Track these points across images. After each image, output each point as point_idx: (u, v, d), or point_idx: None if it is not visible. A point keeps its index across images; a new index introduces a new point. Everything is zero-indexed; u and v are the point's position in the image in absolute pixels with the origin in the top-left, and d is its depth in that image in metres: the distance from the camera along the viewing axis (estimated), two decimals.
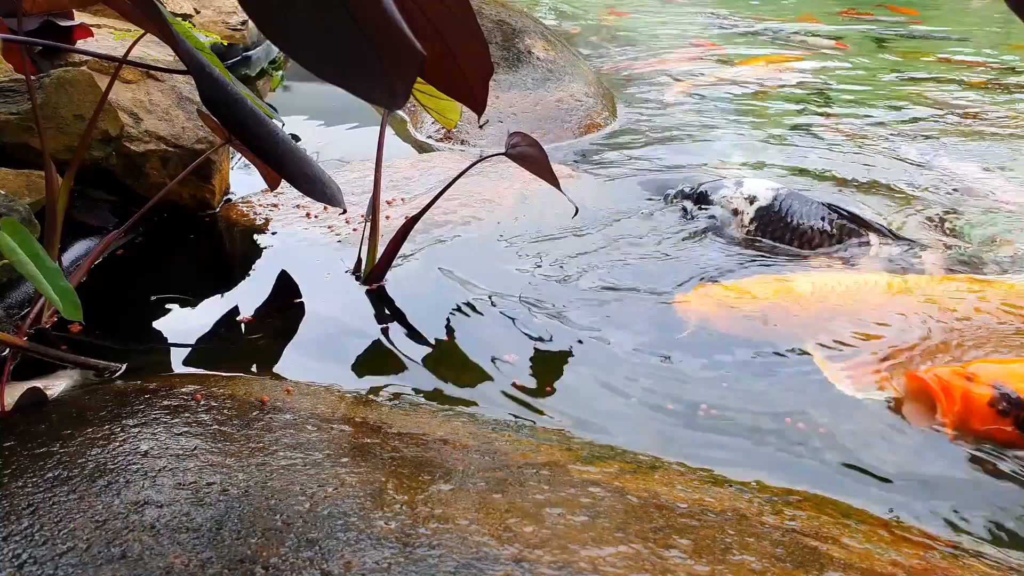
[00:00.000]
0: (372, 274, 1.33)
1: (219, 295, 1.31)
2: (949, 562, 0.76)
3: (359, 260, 1.37)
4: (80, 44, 1.28)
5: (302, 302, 1.30)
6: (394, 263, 1.35)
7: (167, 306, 1.26)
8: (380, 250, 1.33)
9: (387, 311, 1.28)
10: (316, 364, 1.12)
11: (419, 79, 1.09)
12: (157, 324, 1.21)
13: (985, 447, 0.95)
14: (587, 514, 0.72)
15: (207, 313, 1.25)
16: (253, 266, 1.43)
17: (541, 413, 1.02)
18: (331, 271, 1.39)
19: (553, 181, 1.24)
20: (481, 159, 1.32)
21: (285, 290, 1.34)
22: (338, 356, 1.14)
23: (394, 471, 0.78)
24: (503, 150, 1.25)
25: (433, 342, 1.19)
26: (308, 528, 0.67)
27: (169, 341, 1.17)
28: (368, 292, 1.32)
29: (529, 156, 1.23)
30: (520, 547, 0.66)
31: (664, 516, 0.74)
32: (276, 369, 1.10)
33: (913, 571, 0.72)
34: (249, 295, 1.31)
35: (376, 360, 1.14)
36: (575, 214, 1.36)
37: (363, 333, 1.21)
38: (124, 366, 1.06)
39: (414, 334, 1.21)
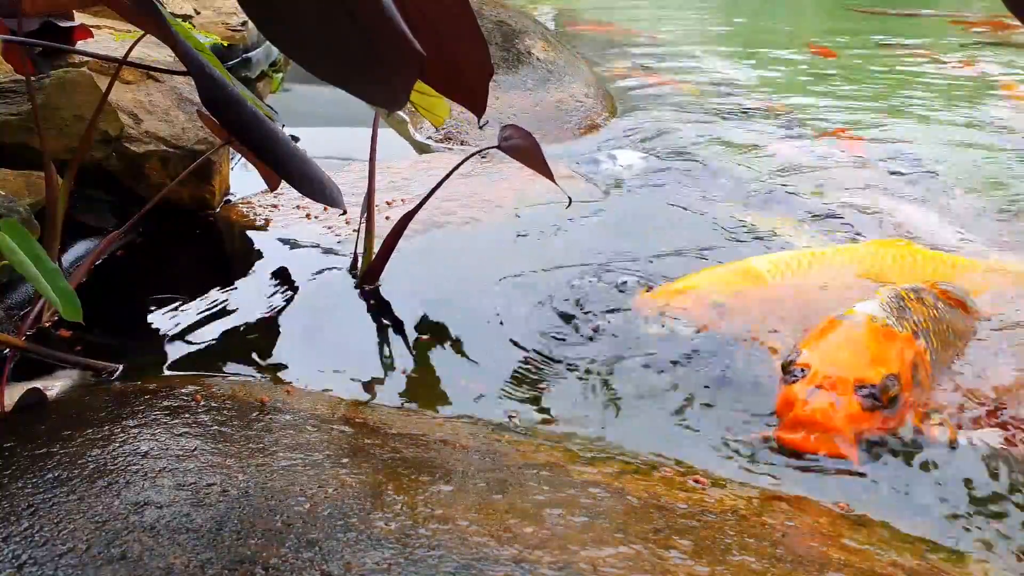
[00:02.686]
0: (368, 273, 1.33)
1: (219, 295, 1.31)
2: (949, 563, 0.76)
3: (355, 259, 1.37)
4: (80, 45, 1.28)
5: (302, 303, 1.30)
6: (394, 264, 1.35)
7: (167, 306, 1.26)
8: (376, 249, 1.33)
9: (386, 311, 1.28)
10: (316, 364, 1.12)
11: (419, 79, 1.08)
12: (157, 325, 1.21)
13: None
14: (587, 515, 0.72)
15: (207, 313, 1.25)
16: (253, 266, 1.43)
17: (540, 414, 1.02)
18: (330, 271, 1.39)
19: (546, 173, 1.23)
20: (474, 154, 1.32)
21: (285, 290, 1.34)
22: (338, 356, 1.14)
23: (394, 472, 0.78)
24: (495, 144, 1.25)
25: (431, 342, 1.19)
26: (308, 529, 0.67)
27: (169, 342, 1.17)
28: (365, 292, 1.32)
29: (522, 148, 1.22)
30: (520, 548, 0.66)
31: (664, 517, 0.74)
32: (276, 370, 1.10)
33: (913, 572, 0.72)
34: (249, 295, 1.31)
35: (376, 360, 1.14)
36: (568, 204, 1.38)
37: (362, 333, 1.21)
38: (121, 367, 1.06)
39: (412, 334, 1.21)
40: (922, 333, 1.07)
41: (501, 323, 1.24)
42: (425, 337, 1.20)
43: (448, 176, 1.28)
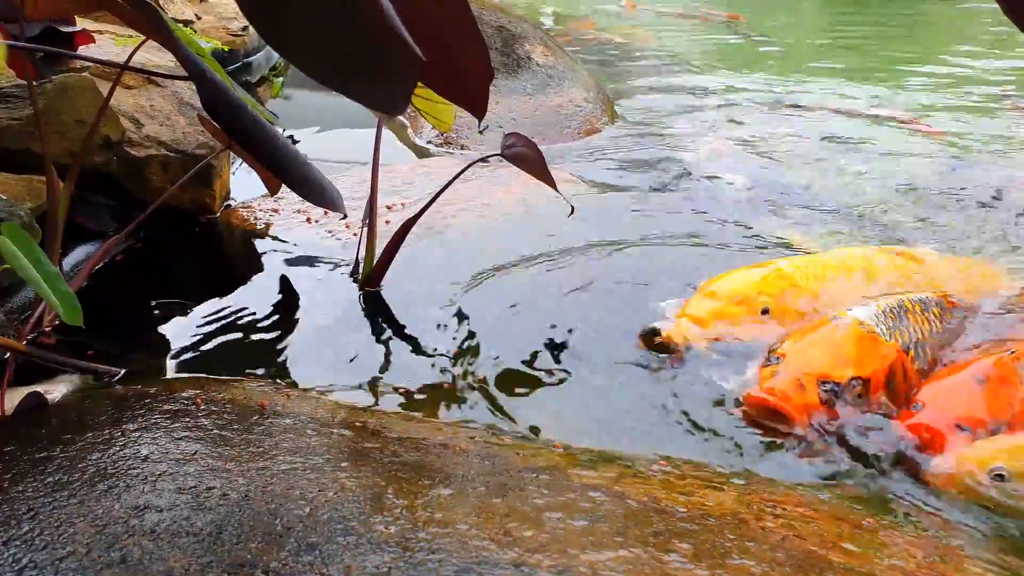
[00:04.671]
0: (370, 278, 1.33)
1: (219, 299, 1.31)
2: (948, 564, 0.76)
3: (356, 264, 1.37)
4: (82, 50, 1.28)
5: (302, 307, 1.30)
6: (394, 267, 1.35)
7: (167, 310, 1.26)
8: (378, 254, 1.33)
9: (386, 315, 1.28)
10: (316, 368, 1.12)
11: (418, 83, 1.09)
12: (157, 328, 1.22)
13: None
14: (587, 518, 0.72)
15: (207, 317, 1.25)
16: (253, 270, 1.43)
17: (541, 417, 1.02)
18: (331, 275, 1.40)
19: (549, 181, 1.24)
20: (477, 160, 1.33)
21: (285, 294, 1.35)
22: (338, 360, 1.14)
23: (394, 476, 0.78)
24: (498, 151, 1.25)
25: (431, 346, 1.19)
26: (308, 532, 0.67)
27: (169, 345, 1.17)
28: (367, 296, 1.32)
29: (524, 156, 1.23)
30: (520, 551, 0.66)
31: (664, 520, 0.74)
32: (276, 373, 1.10)
33: (912, 575, 0.72)
34: (249, 299, 1.32)
35: (376, 364, 1.14)
36: (571, 213, 1.37)
37: (362, 337, 1.21)
38: (123, 371, 1.06)
39: (413, 339, 1.21)
40: (914, 344, 1.12)
41: (502, 327, 1.24)
42: (425, 341, 1.20)
43: (451, 183, 1.29)
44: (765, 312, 1.18)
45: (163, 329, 1.22)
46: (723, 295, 1.22)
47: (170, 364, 1.12)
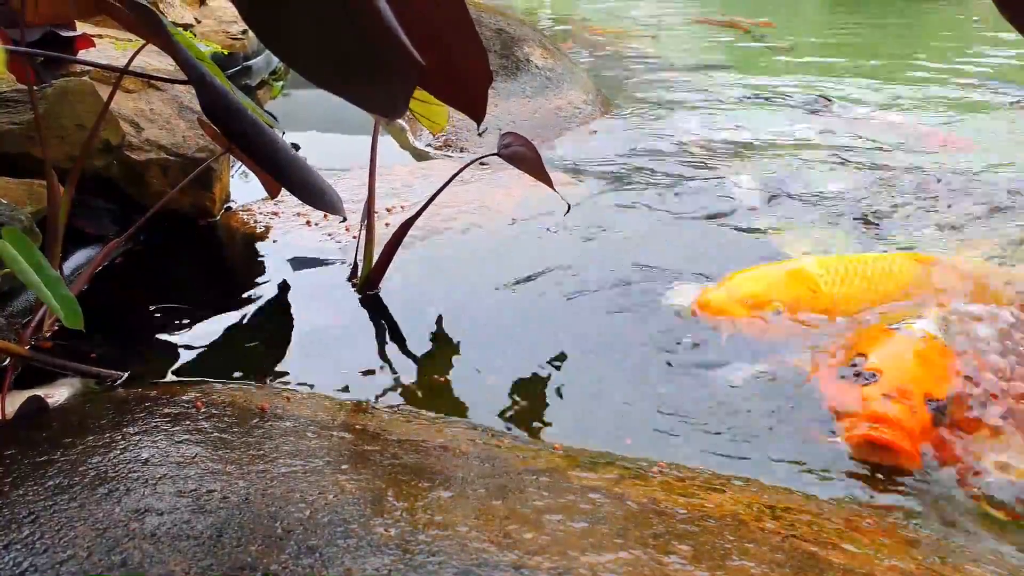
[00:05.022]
0: (368, 281, 1.34)
1: (219, 303, 1.31)
2: (948, 566, 0.76)
3: (355, 267, 1.37)
4: (82, 54, 1.28)
5: (302, 309, 1.31)
6: (394, 270, 1.35)
7: (168, 314, 1.26)
8: (376, 257, 1.34)
9: (385, 317, 1.28)
10: (316, 371, 1.12)
11: (419, 87, 1.09)
12: (158, 332, 1.22)
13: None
14: (587, 520, 0.72)
15: (207, 320, 1.25)
16: (253, 274, 1.43)
17: (540, 419, 1.02)
18: (330, 278, 1.40)
19: (546, 180, 1.24)
20: (474, 161, 1.33)
21: (285, 297, 1.35)
22: (338, 363, 1.14)
23: (394, 478, 0.78)
24: (495, 152, 1.25)
25: (431, 349, 1.19)
26: (308, 535, 0.68)
27: (170, 348, 1.17)
28: (365, 299, 1.32)
29: (521, 156, 1.23)
30: (520, 554, 0.66)
31: (664, 522, 0.74)
32: (276, 376, 1.10)
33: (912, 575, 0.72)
34: (249, 302, 1.32)
35: (376, 367, 1.15)
36: (567, 211, 1.39)
37: (362, 340, 1.21)
38: (126, 374, 1.06)
39: (412, 341, 1.21)
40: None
41: (501, 330, 1.24)
42: (424, 344, 1.21)
43: (448, 183, 1.29)
44: (778, 314, 1.19)
45: (163, 332, 1.22)
46: (747, 287, 1.24)
47: (170, 367, 1.12)
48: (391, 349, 1.19)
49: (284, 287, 1.38)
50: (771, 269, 1.33)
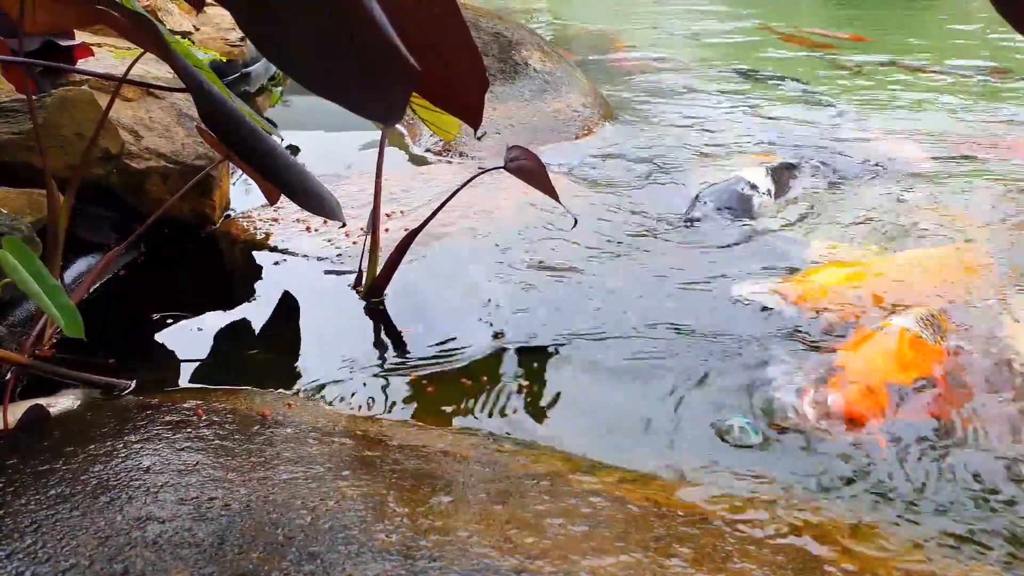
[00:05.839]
0: (372, 288, 1.34)
1: (220, 310, 1.32)
2: (952, 567, 0.76)
3: (359, 274, 1.38)
4: (80, 63, 1.29)
5: (303, 316, 1.31)
6: (396, 276, 1.35)
7: (168, 321, 1.27)
8: (380, 264, 1.34)
9: (388, 325, 1.28)
10: (317, 378, 1.12)
11: (416, 93, 1.09)
12: (158, 340, 1.22)
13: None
14: (587, 524, 0.72)
15: (208, 328, 1.25)
16: (254, 281, 1.43)
17: (541, 424, 1.02)
18: (331, 285, 1.40)
19: (552, 194, 1.24)
20: (481, 172, 1.33)
21: (286, 304, 1.35)
22: (339, 370, 1.14)
23: (395, 483, 0.78)
24: (502, 162, 1.26)
25: (433, 356, 1.19)
26: (309, 542, 0.68)
27: (171, 356, 1.18)
28: (369, 306, 1.33)
29: (528, 169, 1.23)
30: (521, 558, 0.66)
31: (665, 524, 0.74)
32: (277, 383, 1.11)
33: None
34: (250, 309, 1.32)
35: (376, 373, 1.15)
36: (574, 225, 1.39)
37: (364, 347, 1.21)
38: (132, 383, 1.06)
39: (414, 348, 1.21)
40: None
41: (502, 333, 1.24)
42: (426, 350, 1.21)
43: (454, 194, 1.29)
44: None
45: (165, 340, 1.22)
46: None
47: (171, 375, 1.13)
48: (393, 355, 1.20)
49: (285, 294, 1.38)
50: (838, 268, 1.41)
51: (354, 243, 1.52)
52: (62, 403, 1.00)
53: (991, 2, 0.63)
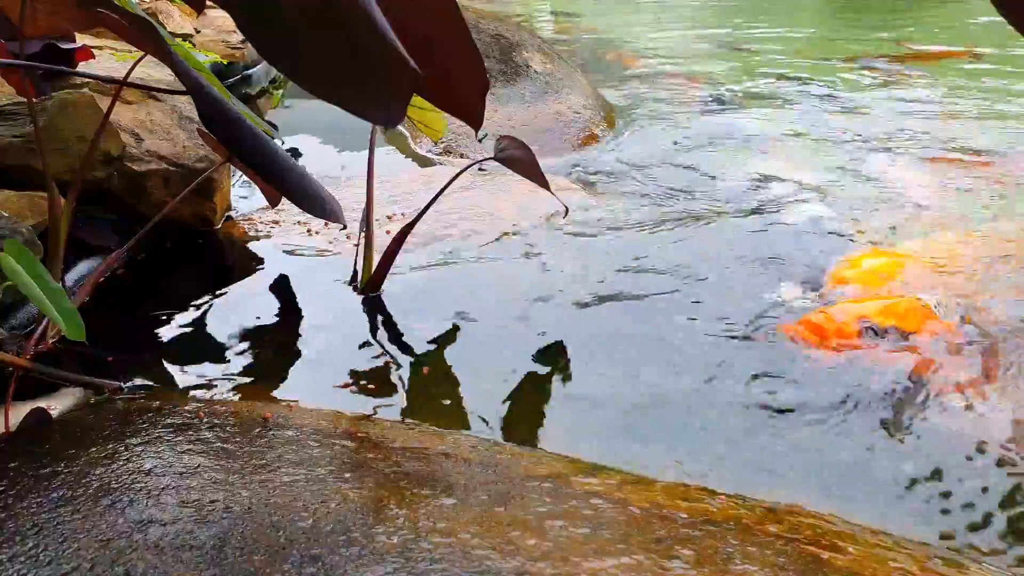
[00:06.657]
0: (369, 286, 1.34)
1: (221, 312, 1.32)
2: (952, 568, 0.76)
3: (355, 272, 1.38)
4: (81, 66, 1.29)
5: (304, 318, 1.31)
6: (395, 277, 1.35)
7: (170, 324, 1.27)
8: (376, 262, 1.34)
9: (386, 324, 1.28)
10: (318, 380, 1.12)
11: (417, 95, 1.10)
12: (160, 342, 1.22)
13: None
14: (589, 526, 0.72)
15: (210, 330, 1.26)
16: (255, 282, 1.43)
17: (540, 424, 1.02)
18: (332, 286, 1.40)
19: (541, 182, 1.24)
20: (470, 166, 1.33)
21: (287, 306, 1.35)
22: (339, 372, 1.14)
23: (396, 486, 0.78)
24: (494, 157, 1.26)
25: (432, 356, 1.19)
26: (311, 544, 0.68)
27: (172, 358, 1.18)
28: (366, 304, 1.33)
29: (516, 158, 1.23)
30: (522, 560, 0.66)
31: (666, 526, 0.74)
32: (278, 385, 1.11)
33: None
34: (251, 311, 1.32)
35: (377, 374, 1.15)
36: (566, 214, 1.39)
37: (364, 348, 1.21)
38: (127, 385, 1.07)
39: (413, 348, 1.21)
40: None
41: (503, 333, 1.24)
42: (426, 351, 1.21)
43: (444, 188, 1.29)
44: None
45: (166, 342, 1.22)
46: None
47: (173, 377, 1.13)
48: (393, 356, 1.20)
49: (286, 296, 1.38)
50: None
51: (355, 245, 1.52)
52: (63, 405, 1.00)
53: (991, 2, 0.63)
